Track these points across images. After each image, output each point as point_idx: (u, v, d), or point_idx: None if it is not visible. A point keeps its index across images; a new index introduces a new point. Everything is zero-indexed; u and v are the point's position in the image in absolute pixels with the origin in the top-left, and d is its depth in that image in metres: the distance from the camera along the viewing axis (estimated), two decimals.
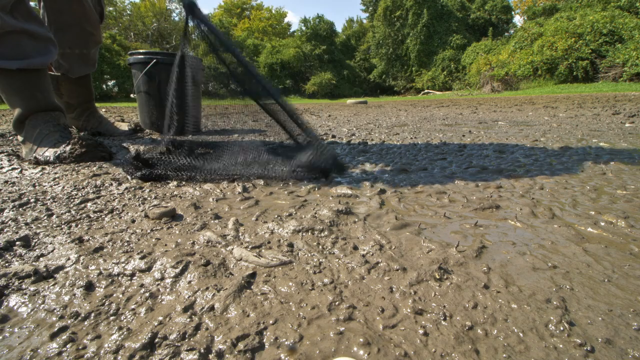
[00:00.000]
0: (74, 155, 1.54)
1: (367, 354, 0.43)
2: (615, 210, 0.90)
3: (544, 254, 0.68)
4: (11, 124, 1.68)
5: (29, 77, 1.61)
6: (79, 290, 0.57)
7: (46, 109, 1.67)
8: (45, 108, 1.67)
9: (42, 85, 1.66)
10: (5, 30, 1.50)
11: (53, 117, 1.69)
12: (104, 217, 0.89)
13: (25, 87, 1.62)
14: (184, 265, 0.63)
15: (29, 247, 0.73)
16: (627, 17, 15.51)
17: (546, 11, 21.97)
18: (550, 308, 0.51)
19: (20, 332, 0.48)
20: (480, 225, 0.82)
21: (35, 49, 1.61)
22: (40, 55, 1.62)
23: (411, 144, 2.12)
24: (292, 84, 28.02)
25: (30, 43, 1.59)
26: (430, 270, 0.61)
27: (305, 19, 30.28)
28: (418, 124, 3.53)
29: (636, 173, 1.27)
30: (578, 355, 0.43)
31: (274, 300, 0.54)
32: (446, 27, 25.27)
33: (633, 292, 0.55)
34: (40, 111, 1.66)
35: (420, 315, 0.50)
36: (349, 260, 0.65)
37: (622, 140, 2.05)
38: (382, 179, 1.25)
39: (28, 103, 1.62)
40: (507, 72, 18.09)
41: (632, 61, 13.67)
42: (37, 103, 1.64)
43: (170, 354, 0.43)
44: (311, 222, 0.81)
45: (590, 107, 4.95)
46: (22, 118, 1.63)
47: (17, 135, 1.70)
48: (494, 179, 1.23)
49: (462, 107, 6.72)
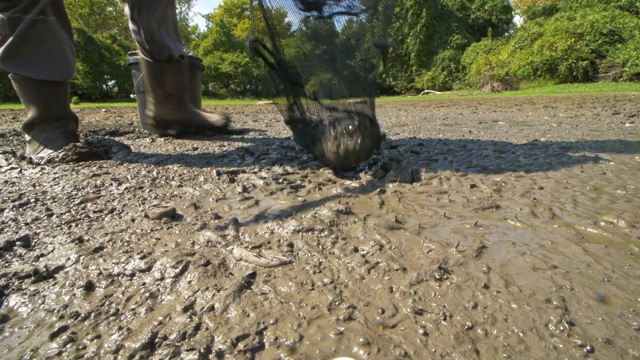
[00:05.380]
0: (66, 161, 1.57)
1: (367, 354, 0.43)
2: (615, 210, 0.90)
3: (544, 253, 0.68)
4: (22, 124, 1.70)
5: (48, 87, 1.64)
6: (79, 290, 0.57)
7: (58, 119, 1.70)
8: (58, 117, 1.70)
9: (59, 96, 1.70)
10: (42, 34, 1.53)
11: (63, 124, 1.72)
12: (104, 217, 0.89)
13: (42, 96, 1.65)
14: (184, 265, 0.63)
15: (29, 247, 0.73)
16: (627, 16, 15.50)
17: (546, 11, 21.96)
18: (550, 308, 0.51)
19: (20, 332, 0.48)
20: (480, 225, 0.82)
21: (59, 59, 1.63)
22: (62, 66, 1.65)
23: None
24: None
25: (54, 51, 1.61)
26: (430, 270, 0.61)
27: (306, 19, 30.25)
28: (418, 124, 3.53)
29: (636, 173, 1.27)
30: (578, 355, 0.43)
31: (274, 300, 0.54)
32: (446, 27, 25.26)
33: (633, 292, 0.55)
34: (52, 120, 1.69)
35: (420, 315, 0.50)
36: (349, 260, 0.65)
37: (622, 140, 2.05)
38: (383, 179, 1.25)
39: (43, 111, 1.67)
40: (507, 72, 18.09)
41: (632, 61, 13.67)
42: (51, 113, 1.69)
43: (170, 354, 0.43)
44: (311, 222, 0.81)
45: (590, 107, 4.95)
46: (34, 122, 1.67)
47: (26, 134, 1.72)
48: (494, 178, 1.23)
49: (462, 107, 6.72)
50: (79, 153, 1.61)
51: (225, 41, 27.12)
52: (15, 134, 2.58)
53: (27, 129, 1.70)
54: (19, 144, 2.19)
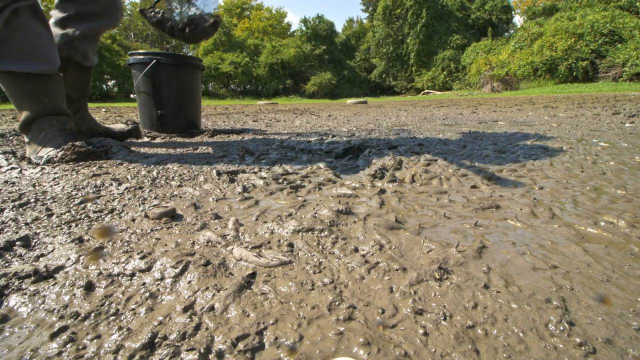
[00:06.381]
0: (65, 161, 1.56)
1: (367, 354, 0.43)
2: (615, 210, 0.90)
3: (544, 253, 0.68)
4: (18, 126, 1.70)
5: (37, 81, 1.63)
6: (79, 290, 0.57)
7: (52, 113, 1.69)
8: (52, 112, 1.70)
9: (50, 90, 1.69)
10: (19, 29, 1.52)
11: (59, 121, 1.72)
12: (104, 217, 0.89)
13: (33, 91, 1.64)
14: (184, 265, 0.63)
15: (29, 247, 0.73)
16: (627, 16, 15.51)
17: (546, 11, 21.97)
18: (550, 308, 0.51)
19: (20, 332, 0.48)
20: (480, 225, 0.82)
21: (41, 52, 1.63)
22: (45, 58, 1.64)
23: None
24: (292, 84, 28.03)
25: (34, 45, 1.60)
26: (430, 270, 0.61)
27: (305, 19, 30.29)
28: (418, 124, 3.53)
29: (636, 173, 1.27)
30: (578, 355, 0.43)
31: (274, 300, 0.54)
32: (446, 27, 25.28)
33: (633, 292, 0.55)
34: (46, 115, 1.68)
35: (420, 315, 0.50)
36: (349, 260, 0.65)
37: (622, 140, 2.05)
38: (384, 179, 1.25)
39: (35, 107, 1.65)
40: (507, 72, 18.10)
41: (632, 61, 13.67)
42: (44, 107, 1.67)
43: (170, 354, 0.43)
44: (311, 222, 0.81)
45: (590, 107, 4.95)
46: (30, 121, 1.66)
47: (24, 136, 1.72)
48: (494, 178, 1.23)
49: (462, 107, 6.72)
50: (79, 153, 1.61)
51: (225, 41, 27.13)
52: (15, 134, 2.58)
53: (24, 129, 1.69)
54: (19, 144, 2.19)
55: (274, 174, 1.31)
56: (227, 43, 27.21)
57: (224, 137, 2.65)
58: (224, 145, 2.15)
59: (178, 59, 2.66)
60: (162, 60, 2.56)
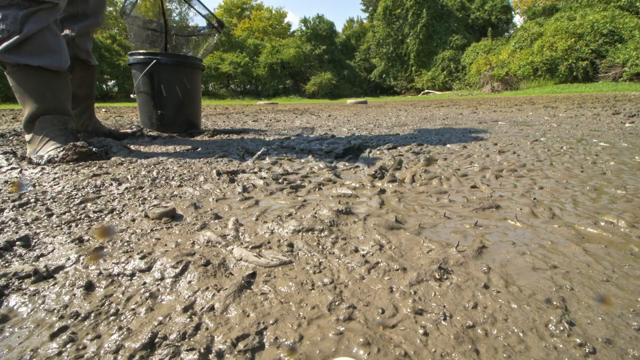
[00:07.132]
0: (66, 161, 1.57)
1: (367, 354, 0.43)
2: (615, 210, 0.90)
3: (544, 254, 0.68)
4: (22, 123, 1.71)
5: (46, 77, 1.65)
6: (79, 290, 0.57)
7: (55, 112, 1.70)
8: (55, 111, 1.70)
9: (55, 87, 1.71)
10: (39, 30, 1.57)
11: (61, 120, 1.73)
12: (104, 217, 0.89)
13: (38, 86, 1.66)
14: (184, 265, 0.63)
15: (29, 247, 0.72)
16: (627, 16, 15.51)
17: (546, 11, 21.97)
18: (550, 308, 0.51)
19: (20, 332, 0.48)
20: (480, 225, 0.82)
21: (56, 49, 1.67)
22: (59, 55, 1.68)
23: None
24: (292, 84, 28.03)
25: (51, 42, 1.65)
26: (430, 270, 0.61)
27: (305, 19, 30.28)
28: (418, 123, 3.53)
29: (636, 173, 1.27)
30: (578, 355, 0.43)
31: (274, 300, 0.54)
32: (446, 27, 25.28)
33: (633, 292, 0.55)
34: (49, 113, 1.69)
35: (420, 315, 0.50)
36: (349, 260, 0.65)
37: (622, 140, 2.05)
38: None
39: (39, 103, 1.67)
40: (507, 72, 18.10)
41: (632, 61, 13.67)
42: (47, 104, 1.68)
43: (170, 354, 0.43)
44: (311, 222, 0.81)
45: (590, 107, 4.95)
46: (33, 118, 1.68)
47: (26, 134, 1.73)
48: (495, 178, 1.23)
49: (462, 107, 6.72)
50: (80, 153, 1.61)
51: (225, 41, 27.11)
52: (15, 134, 2.57)
53: (27, 127, 1.70)
54: (19, 144, 2.19)
55: (274, 174, 1.31)
56: (227, 43, 27.21)
57: (224, 137, 2.65)
58: (224, 145, 2.15)
59: (178, 58, 2.66)
60: (162, 60, 2.56)
